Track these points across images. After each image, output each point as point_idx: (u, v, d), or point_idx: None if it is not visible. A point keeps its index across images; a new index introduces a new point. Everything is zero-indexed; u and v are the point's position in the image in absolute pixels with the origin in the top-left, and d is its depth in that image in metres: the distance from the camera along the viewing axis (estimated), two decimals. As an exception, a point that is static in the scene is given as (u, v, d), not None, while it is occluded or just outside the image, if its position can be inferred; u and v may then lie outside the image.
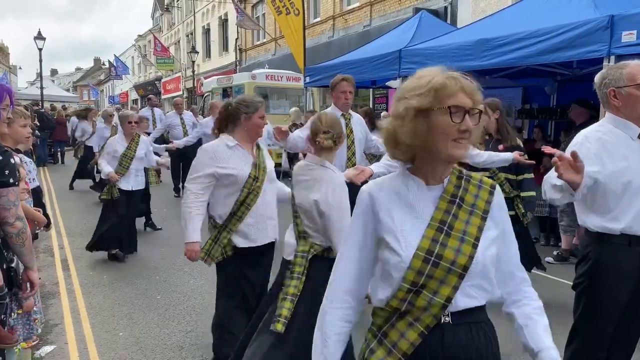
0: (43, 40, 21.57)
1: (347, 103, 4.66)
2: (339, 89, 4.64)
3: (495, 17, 6.89)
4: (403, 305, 1.38)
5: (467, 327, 1.41)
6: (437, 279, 1.36)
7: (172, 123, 10.14)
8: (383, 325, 1.44)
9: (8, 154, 2.16)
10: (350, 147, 4.51)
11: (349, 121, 4.61)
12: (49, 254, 6.35)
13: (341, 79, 4.64)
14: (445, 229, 1.39)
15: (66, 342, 3.94)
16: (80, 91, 65.40)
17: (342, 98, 4.64)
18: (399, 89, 1.47)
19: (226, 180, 3.12)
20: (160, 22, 41.09)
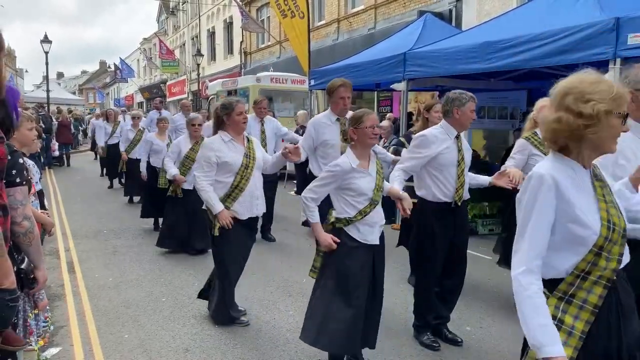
0: (49, 44, 21.68)
1: (345, 109, 4.63)
2: (337, 95, 4.62)
3: (500, 19, 6.88)
4: (588, 267, 1.74)
5: (624, 277, 1.83)
6: (613, 241, 1.73)
7: (178, 125, 10.07)
8: (568, 289, 1.76)
9: (17, 154, 2.18)
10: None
11: (344, 126, 4.53)
12: (55, 256, 6.38)
13: (339, 85, 4.62)
14: (606, 201, 1.79)
15: (72, 344, 3.95)
16: (86, 94, 65.74)
17: (340, 104, 4.62)
18: (566, 88, 1.84)
19: (224, 167, 3.93)
20: (165, 26, 41.26)
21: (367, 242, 3.19)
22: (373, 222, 3.20)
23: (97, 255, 6.39)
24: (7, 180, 2.09)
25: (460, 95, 3.66)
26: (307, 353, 3.75)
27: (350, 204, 3.16)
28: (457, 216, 3.79)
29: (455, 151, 3.70)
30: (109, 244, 6.94)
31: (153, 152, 7.48)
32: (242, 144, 4.03)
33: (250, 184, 3.96)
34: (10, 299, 1.97)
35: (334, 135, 4.70)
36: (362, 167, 3.16)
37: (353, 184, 3.11)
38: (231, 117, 3.95)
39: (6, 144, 2.11)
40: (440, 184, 3.69)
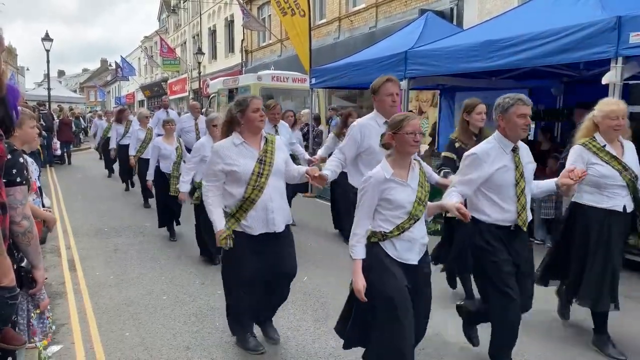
0: (50, 42, 21.70)
1: (394, 107, 4.01)
2: (383, 91, 4.03)
3: (501, 18, 6.88)
4: None
5: None
6: None
7: (185, 127, 9.49)
8: None
9: (17, 153, 2.17)
10: None
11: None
12: (56, 254, 6.39)
13: (385, 80, 4.06)
14: None
15: (73, 342, 3.95)
16: (87, 92, 65.78)
17: (387, 102, 4.02)
18: None
19: (231, 177, 3.42)
20: (166, 24, 41.25)
21: (404, 260, 2.86)
22: (412, 239, 2.87)
23: (98, 253, 6.40)
24: (7, 179, 2.09)
25: (503, 99, 3.17)
26: (307, 351, 3.76)
27: (387, 218, 2.84)
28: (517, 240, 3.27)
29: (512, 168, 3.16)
30: (110, 242, 6.94)
31: (161, 157, 6.97)
32: (257, 147, 3.47)
33: (264, 195, 3.40)
34: (10, 296, 1.97)
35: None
36: (399, 177, 2.83)
37: (389, 194, 2.80)
38: (246, 114, 3.42)
39: (6, 142, 2.11)
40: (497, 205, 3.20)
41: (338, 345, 3.80)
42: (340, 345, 3.80)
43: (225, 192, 3.50)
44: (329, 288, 5.02)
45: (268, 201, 3.42)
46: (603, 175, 3.56)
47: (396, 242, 2.85)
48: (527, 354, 3.68)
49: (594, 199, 3.63)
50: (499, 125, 3.18)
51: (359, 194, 2.89)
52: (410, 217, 2.83)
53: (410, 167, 2.90)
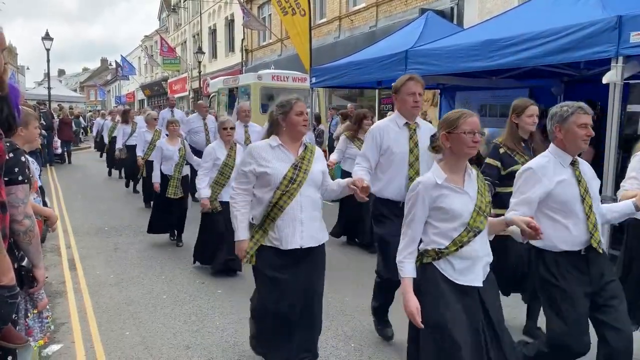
0: (50, 41, 21.70)
1: (416, 109, 3.72)
2: (405, 91, 3.69)
3: (501, 17, 6.87)
4: None
5: None
6: None
7: (194, 127, 9.19)
8: None
9: (19, 152, 2.18)
10: (413, 164, 3.66)
11: (414, 132, 3.72)
12: (56, 253, 6.39)
13: (408, 78, 3.71)
14: None
15: (73, 341, 3.96)
16: (87, 91, 65.82)
17: (409, 101, 3.68)
18: None
19: (262, 180, 3.10)
20: (166, 23, 41.24)
21: (464, 282, 2.48)
22: (474, 256, 2.49)
23: (99, 253, 6.40)
24: (9, 178, 2.10)
25: (561, 108, 2.83)
26: (308, 351, 3.76)
27: (441, 231, 2.48)
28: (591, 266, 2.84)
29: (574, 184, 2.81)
30: (110, 241, 6.95)
31: (163, 158, 6.75)
32: (294, 152, 3.14)
33: (294, 204, 3.04)
34: (10, 295, 1.97)
35: (400, 143, 3.70)
36: (453, 182, 2.49)
37: (443, 202, 2.46)
38: (288, 117, 3.10)
39: (7, 141, 2.11)
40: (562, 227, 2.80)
41: (338, 345, 3.82)
42: (340, 345, 3.81)
43: (255, 199, 3.18)
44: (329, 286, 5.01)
45: (297, 211, 3.06)
46: None
47: (453, 261, 2.47)
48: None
49: None
50: (556, 136, 2.84)
51: (406, 205, 2.57)
52: (469, 229, 2.46)
53: (467, 173, 2.56)
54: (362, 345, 3.86)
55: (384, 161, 3.74)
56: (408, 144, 3.67)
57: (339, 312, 4.47)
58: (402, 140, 3.69)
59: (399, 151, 3.67)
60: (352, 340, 3.94)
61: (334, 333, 4.03)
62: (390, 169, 3.68)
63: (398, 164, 3.66)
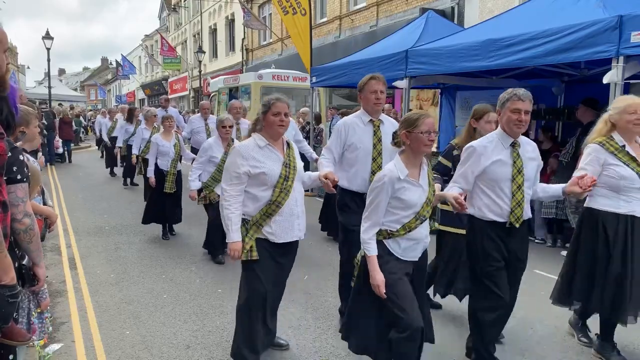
0: (51, 40, 21.71)
1: (378, 106, 3.92)
2: (367, 89, 3.92)
3: (502, 17, 6.87)
4: None
5: None
6: None
7: (196, 127, 9.11)
8: None
9: (17, 151, 2.17)
10: (376, 159, 3.88)
11: (377, 129, 3.92)
12: (56, 253, 6.39)
13: (370, 78, 3.94)
14: None
15: (73, 340, 3.96)
16: (87, 91, 65.81)
17: (371, 99, 3.89)
18: None
19: (257, 179, 3.18)
20: (167, 22, 41.25)
21: (406, 258, 2.92)
22: (417, 239, 2.91)
23: (99, 252, 6.41)
24: (8, 177, 2.10)
25: (504, 93, 3.20)
26: (308, 350, 3.76)
27: (394, 217, 2.85)
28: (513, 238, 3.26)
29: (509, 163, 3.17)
30: (110, 241, 6.95)
31: (159, 154, 6.91)
32: (281, 151, 3.29)
33: (290, 199, 3.22)
34: (10, 294, 1.98)
35: (364, 138, 3.91)
36: (412, 177, 2.83)
37: (402, 195, 2.80)
38: (266, 117, 3.24)
39: (6, 140, 2.11)
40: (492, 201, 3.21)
41: (338, 345, 3.81)
42: (341, 344, 3.81)
43: (246, 196, 3.23)
44: (329, 286, 5.02)
45: (294, 205, 3.25)
46: (622, 177, 3.32)
47: (401, 241, 2.88)
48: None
49: (611, 204, 3.40)
50: (499, 119, 3.23)
51: (370, 193, 2.87)
52: (417, 217, 2.85)
53: (421, 167, 2.90)
54: (362, 344, 3.85)
55: (349, 155, 3.94)
56: (372, 140, 3.88)
57: (338, 311, 4.47)
58: (366, 136, 3.90)
59: (363, 146, 3.88)
60: (352, 340, 3.93)
61: (334, 333, 4.03)
62: (355, 163, 3.90)
63: (362, 158, 3.87)
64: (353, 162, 3.91)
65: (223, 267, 5.70)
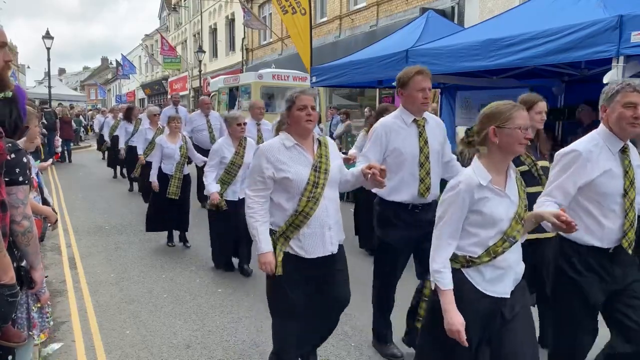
0: (51, 40, 21.70)
1: (426, 105, 3.38)
2: (413, 86, 3.32)
3: (502, 17, 6.87)
4: None
5: None
6: None
7: (197, 126, 8.72)
8: None
9: (21, 153, 2.18)
10: (423, 164, 3.37)
11: (423, 129, 3.40)
12: (56, 252, 6.39)
13: (415, 72, 3.31)
14: None
15: (73, 340, 3.96)
16: (87, 90, 65.78)
17: (418, 98, 3.33)
18: None
19: (281, 185, 2.82)
20: (167, 22, 41.25)
21: (494, 293, 2.25)
22: (506, 267, 2.26)
23: (99, 251, 6.41)
24: (10, 178, 2.10)
25: (610, 86, 2.60)
26: (308, 350, 3.76)
27: (475, 238, 2.25)
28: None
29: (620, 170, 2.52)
30: (110, 240, 6.95)
31: (164, 156, 6.42)
32: (310, 152, 2.88)
33: (319, 209, 2.81)
34: (10, 294, 1.98)
35: (409, 142, 3.38)
36: (496, 184, 2.23)
37: (484, 207, 2.20)
38: (291, 112, 2.85)
39: (10, 141, 2.13)
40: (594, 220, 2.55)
41: (338, 345, 3.82)
42: (341, 344, 3.82)
43: (272, 205, 2.88)
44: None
45: (324, 216, 2.83)
46: None
47: (485, 270, 2.25)
48: None
49: None
50: (603, 117, 2.60)
51: (441, 206, 2.30)
52: (505, 238, 2.23)
53: (508, 173, 2.30)
54: (362, 344, 3.86)
55: (392, 162, 3.41)
56: (418, 143, 3.37)
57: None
58: (410, 139, 3.38)
59: (409, 151, 3.36)
60: (352, 340, 3.94)
61: (334, 332, 4.02)
62: (400, 170, 3.38)
63: (408, 165, 3.36)
64: (397, 170, 3.38)
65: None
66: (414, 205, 3.39)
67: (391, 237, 3.46)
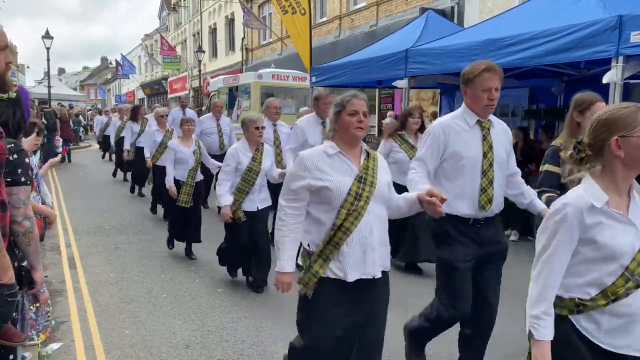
0: (50, 40, 21.72)
1: (492, 107, 2.98)
2: (480, 84, 2.93)
3: (502, 17, 6.87)
4: None
5: None
6: None
7: (206, 129, 8.33)
8: None
9: (23, 154, 2.19)
10: (486, 172, 2.97)
11: (488, 132, 3.00)
12: (56, 252, 6.39)
13: (483, 69, 2.94)
14: None
15: (73, 340, 3.96)
16: (87, 90, 65.80)
17: (484, 99, 2.93)
18: None
19: (319, 197, 2.50)
20: (167, 22, 41.25)
21: (613, 349, 1.77)
22: (631, 314, 1.76)
23: (99, 251, 6.41)
24: (11, 179, 2.11)
25: None
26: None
27: (587, 276, 1.79)
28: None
29: None
30: (110, 240, 6.95)
31: (176, 161, 6.02)
32: (356, 162, 2.55)
33: (362, 225, 2.44)
34: (9, 294, 1.98)
35: (471, 145, 2.98)
36: (616, 207, 1.77)
37: (599, 234, 1.75)
38: (340, 118, 2.54)
39: (12, 142, 2.13)
40: None
41: (338, 344, 3.81)
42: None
43: (309, 220, 2.57)
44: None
45: (367, 233, 2.46)
46: None
47: (601, 318, 1.77)
48: None
49: None
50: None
51: (542, 236, 1.84)
52: (629, 276, 1.74)
53: (631, 194, 1.82)
54: None
55: (450, 168, 3.01)
56: (481, 147, 2.97)
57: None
58: (473, 142, 2.97)
59: (470, 156, 2.95)
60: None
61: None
62: (459, 178, 2.98)
63: (469, 171, 2.96)
64: (455, 177, 2.99)
65: (223, 268, 5.67)
66: (475, 220, 2.99)
67: (455, 255, 2.97)
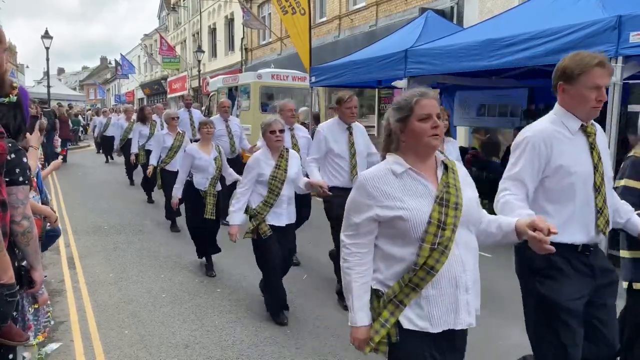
0: (50, 40, 21.73)
1: (598, 109, 2.43)
2: (589, 80, 2.34)
3: (502, 17, 6.88)
4: None
5: None
6: None
7: (216, 132, 7.07)
8: None
9: (20, 153, 2.19)
10: (599, 189, 2.45)
11: (594, 140, 2.51)
12: (55, 252, 6.38)
13: (596, 63, 2.32)
14: None
15: (72, 340, 3.96)
16: (86, 90, 65.81)
17: (591, 99, 2.37)
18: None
19: (392, 229, 1.96)
20: (166, 22, 41.25)
21: None
22: None
23: (98, 251, 6.40)
24: (10, 178, 2.11)
25: None
26: (306, 351, 3.76)
27: None
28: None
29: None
30: (109, 240, 6.95)
31: (195, 169, 5.48)
32: (432, 179, 1.99)
33: (450, 260, 1.90)
34: (9, 294, 1.98)
35: (578, 158, 2.42)
36: None
37: None
38: (408, 126, 1.97)
39: (10, 141, 2.13)
40: None
41: (336, 344, 3.82)
42: (340, 344, 3.82)
43: (378, 254, 2.03)
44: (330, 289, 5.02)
45: (459, 271, 1.92)
46: None
47: None
48: None
49: None
50: None
51: None
52: None
53: None
54: (361, 344, 3.85)
55: (555, 187, 2.43)
56: (590, 158, 2.42)
57: (338, 310, 4.47)
58: (580, 153, 2.43)
59: (580, 170, 2.40)
60: (352, 340, 3.93)
61: (333, 332, 4.03)
62: (568, 198, 2.42)
63: (579, 189, 2.40)
64: (563, 198, 2.42)
65: (222, 267, 5.68)
66: (585, 246, 2.43)
67: (565, 293, 2.41)
